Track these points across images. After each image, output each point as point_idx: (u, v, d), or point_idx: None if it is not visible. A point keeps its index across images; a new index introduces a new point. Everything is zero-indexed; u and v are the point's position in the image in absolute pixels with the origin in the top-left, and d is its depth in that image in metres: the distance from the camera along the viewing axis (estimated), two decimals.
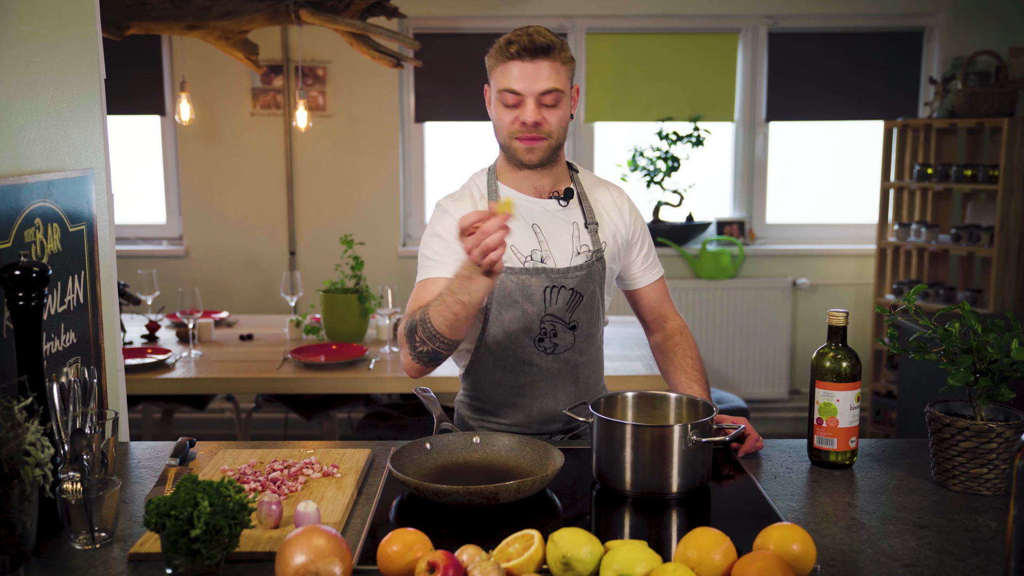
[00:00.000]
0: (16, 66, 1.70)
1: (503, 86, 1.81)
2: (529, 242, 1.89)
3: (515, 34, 1.81)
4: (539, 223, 1.90)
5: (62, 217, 1.76)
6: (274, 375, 3.34)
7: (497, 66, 1.82)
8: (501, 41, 1.83)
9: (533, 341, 1.90)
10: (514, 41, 1.79)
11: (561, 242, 1.90)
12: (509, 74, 1.80)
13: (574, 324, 1.91)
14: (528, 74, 1.79)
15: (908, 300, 1.68)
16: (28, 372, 1.44)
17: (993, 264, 4.35)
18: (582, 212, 1.95)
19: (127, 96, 4.81)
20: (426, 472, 1.66)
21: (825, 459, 1.74)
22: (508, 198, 1.60)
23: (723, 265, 4.94)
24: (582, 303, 1.91)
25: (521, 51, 1.78)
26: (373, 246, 4.70)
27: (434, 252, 1.90)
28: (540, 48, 1.78)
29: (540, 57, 1.78)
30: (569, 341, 1.92)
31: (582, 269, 1.89)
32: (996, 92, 4.42)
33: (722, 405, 4.07)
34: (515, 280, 1.87)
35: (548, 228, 1.90)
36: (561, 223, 1.92)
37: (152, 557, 1.35)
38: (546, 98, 1.80)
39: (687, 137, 4.85)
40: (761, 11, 4.86)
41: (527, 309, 1.88)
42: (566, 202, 1.93)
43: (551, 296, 1.88)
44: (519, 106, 1.81)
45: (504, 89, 1.81)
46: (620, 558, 1.24)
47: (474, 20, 4.87)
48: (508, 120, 1.83)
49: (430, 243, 1.92)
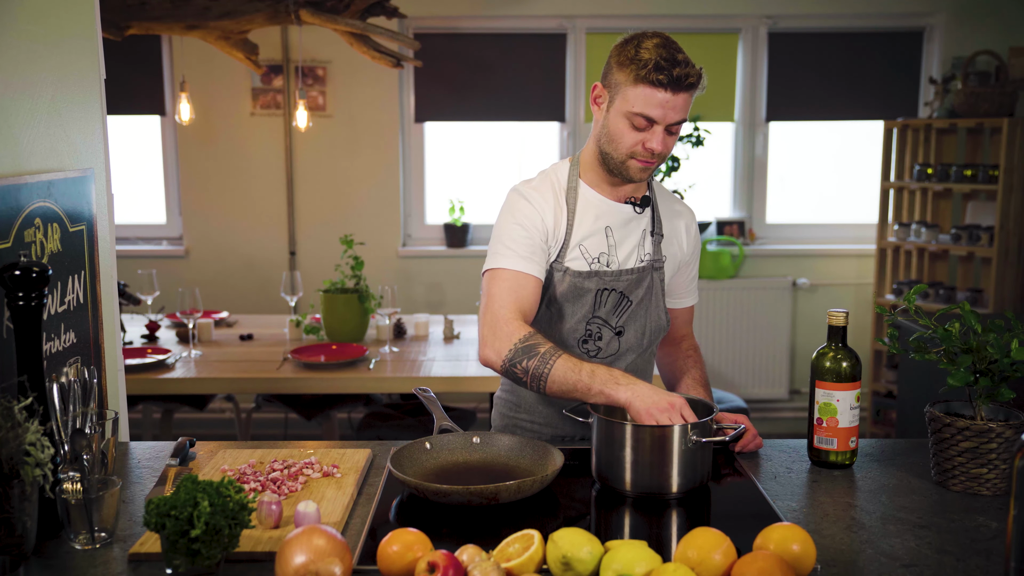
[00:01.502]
0: (16, 66, 1.70)
1: (639, 110, 1.75)
2: (599, 244, 1.88)
3: (663, 59, 1.73)
4: (612, 226, 1.89)
5: (62, 217, 1.76)
6: (274, 375, 3.34)
7: (635, 86, 1.75)
8: (645, 59, 1.74)
9: (577, 342, 1.88)
10: (664, 69, 1.72)
11: (628, 247, 1.90)
12: (649, 100, 1.74)
13: (620, 330, 1.89)
14: (667, 105, 1.74)
15: (908, 300, 1.68)
16: (28, 372, 1.44)
17: (993, 264, 4.35)
18: (652, 221, 1.94)
19: (127, 96, 4.81)
20: (426, 472, 1.66)
21: (825, 459, 1.74)
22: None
23: (723, 265, 4.94)
24: (630, 309, 1.89)
25: (670, 83, 1.73)
26: (373, 246, 4.71)
27: (514, 241, 1.83)
28: (687, 84, 1.74)
29: (683, 90, 1.74)
30: (614, 347, 1.90)
31: (633, 273, 1.88)
32: (996, 92, 4.42)
33: (722, 405, 4.07)
34: (571, 281, 1.86)
35: (619, 232, 1.89)
36: (632, 229, 1.91)
37: (152, 557, 1.35)
38: (674, 127, 1.78)
39: (687, 137, 4.85)
40: (761, 11, 4.87)
41: (577, 310, 1.87)
42: (641, 209, 1.92)
43: (601, 298, 1.87)
44: (646, 130, 1.77)
45: (639, 113, 1.75)
46: (620, 558, 1.24)
47: (474, 20, 4.87)
48: (632, 141, 1.78)
49: (511, 231, 1.84)
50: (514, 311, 1.78)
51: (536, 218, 1.84)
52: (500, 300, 1.79)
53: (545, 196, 1.87)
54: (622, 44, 1.80)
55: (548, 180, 1.90)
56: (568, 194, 1.88)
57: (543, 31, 4.89)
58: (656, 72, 1.72)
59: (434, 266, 4.96)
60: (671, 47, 1.75)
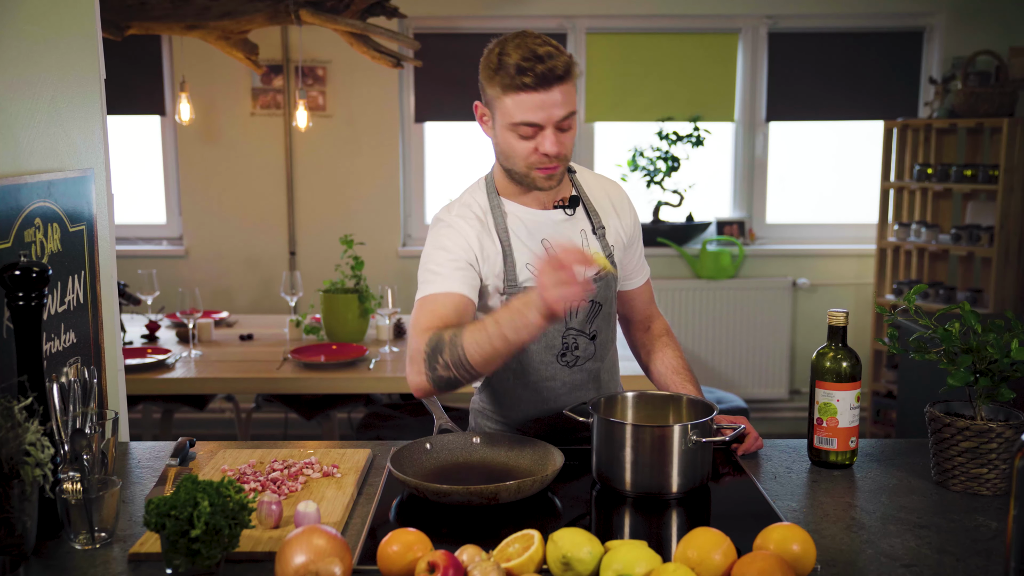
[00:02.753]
0: (16, 66, 1.70)
1: (518, 119, 1.66)
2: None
3: (522, 58, 1.63)
4: (548, 236, 1.81)
5: (62, 217, 1.76)
6: (274, 375, 3.34)
7: (505, 96, 1.66)
8: (507, 65, 1.64)
9: (556, 357, 1.84)
10: (526, 69, 1.63)
11: None
12: (523, 106, 1.65)
13: (594, 334, 1.87)
14: (546, 104, 1.64)
15: (908, 300, 1.68)
16: (28, 372, 1.44)
17: (993, 264, 4.35)
18: (588, 218, 1.87)
19: (127, 96, 4.81)
20: (426, 472, 1.66)
21: (825, 459, 1.74)
22: (604, 259, 1.55)
23: (723, 265, 4.94)
24: (601, 312, 1.86)
25: (538, 82, 1.63)
26: (373, 246, 4.70)
27: (438, 265, 1.76)
28: (556, 76, 1.64)
29: (555, 84, 1.64)
30: (590, 351, 1.87)
31: (599, 279, 1.83)
32: (996, 92, 4.42)
33: (722, 405, 4.07)
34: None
35: (558, 241, 1.79)
36: (569, 232, 1.83)
37: (152, 557, 1.35)
38: (563, 123, 1.68)
39: (687, 137, 4.85)
40: (761, 11, 4.86)
41: (549, 327, 1.81)
42: (572, 211, 1.84)
43: (572, 310, 1.76)
44: (536, 135, 1.68)
45: (520, 122, 1.66)
46: (620, 558, 1.24)
47: (474, 20, 4.87)
48: (525, 151, 1.70)
49: (434, 256, 1.77)
50: (427, 332, 1.67)
51: (459, 239, 1.76)
52: (415, 328, 1.70)
53: (469, 220, 1.79)
54: (485, 55, 1.71)
55: (467, 206, 1.82)
56: (493, 213, 1.80)
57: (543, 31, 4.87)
58: (520, 75, 1.63)
59: None
60: (531, 43, 1.66)
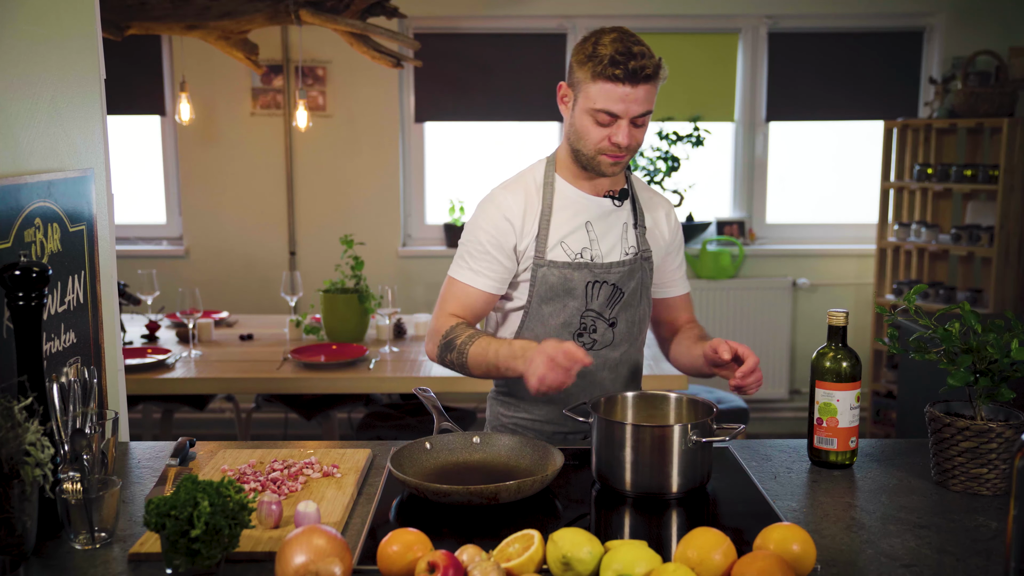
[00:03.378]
0: (16, 66, 1.70)
1: (600, 106, 1.78)
2: (580, 240, 1.90)
3: (618, 53, 1.75)
4: (592, 220, 1.91)
5: (62, 217, 1.76)
6: (274, 375, 3.34)
7: (594, 83, 1.77)
8: (601, 55, 1.77)
9: (572, 336, 1.91)
10: (619, 63, 1.74)
11: (610, 240, 1.92)
12: (609, 96, 1.76)
13: (613, 321, 1.92)
14: (629, 99, 1.76)
15: (908, 300, 1.68)
16: (28, 372, 1.44)
17: (993, 264, 4.35)
18: (633, 213, 1.96)
19: (127, 96, 4.81)
20: (426, 472, 1.66)
21: (825, 459, 1.74)
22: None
23: (723, 265, 4.94)
24: (623, 300, 1.92)
25: (627, 77, 1.75)
26: (373, 246, 4.70)
27: (473, 257, 1.90)
28: (645, 75, 1.76)
29: (642, 82, 1.76)
30: (608, 338, 1.93)
31: (624, 265, 1.91)
32: (996, 92, 4.42)
33: (722, 405, 4.06)
34: (558, 274, 1.88)
35: (600, 226, 1.91)
36: (613, 222, 1.93)
37: (152, 557, 1.35)
38: (639, 119, 1.79)
39: (687, 137, 4.85)
40: (761, 11, 4.86)
41: (568, 304, 1.89)
42: (620, 202, 1.94)
43: (592, 291, 1.89)
44: (611, 125, 1.80)
45: (601, 109, 1.78)
46: (620, 558, 1.24)
47: (474, 20, 4.87)
48: (598, 137, 1.82)
49: (472, 238, 1.91)
50: (452, 313, 1.90)
51: (498, 218, 1.89)
52: (442, 306, 1.92)
53: (516, 193, 1.91)
54: (581, 42, 1.84)
55: (523, 179, 1.95)
56: (545, 189, 1.92)
57: (543, 31, 4.89)
58: (612, 67, 1.75)
59: (434, 266, 4.96)
60: (627, 40, 1.78)
